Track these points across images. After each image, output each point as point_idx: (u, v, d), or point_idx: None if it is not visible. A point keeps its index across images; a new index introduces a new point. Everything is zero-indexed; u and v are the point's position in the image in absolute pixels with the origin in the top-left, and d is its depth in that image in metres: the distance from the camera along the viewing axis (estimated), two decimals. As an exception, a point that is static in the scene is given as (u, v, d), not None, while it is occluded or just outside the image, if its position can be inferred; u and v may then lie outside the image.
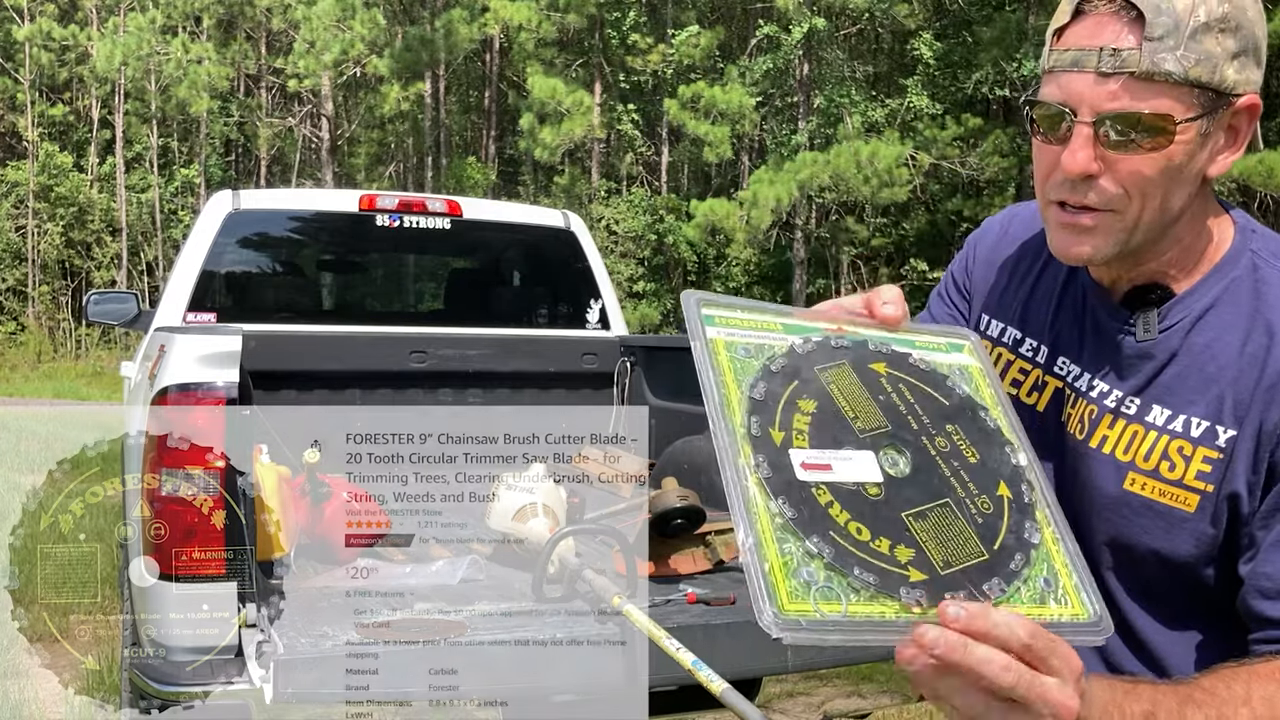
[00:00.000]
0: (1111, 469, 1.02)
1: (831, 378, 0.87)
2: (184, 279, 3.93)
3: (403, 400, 3.75)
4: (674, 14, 22.21)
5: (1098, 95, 0.93)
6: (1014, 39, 19.39)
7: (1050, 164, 0.98)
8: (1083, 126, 0.94)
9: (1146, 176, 0.94)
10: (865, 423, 0.84)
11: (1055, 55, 0.97)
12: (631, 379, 3.98)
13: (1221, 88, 0.93)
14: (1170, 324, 1.02)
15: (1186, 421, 0.99)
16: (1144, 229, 0.98)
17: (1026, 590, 0.80)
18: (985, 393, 0.93)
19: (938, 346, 0.95)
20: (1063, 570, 0.83)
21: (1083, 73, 0.94)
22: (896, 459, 0.83)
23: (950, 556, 0.78)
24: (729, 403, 0.82)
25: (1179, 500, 0.98)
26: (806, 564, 0.74)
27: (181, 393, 2.72)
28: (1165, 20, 0.90)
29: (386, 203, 4.21)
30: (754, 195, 18.38)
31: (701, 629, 2.14)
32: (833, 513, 0.77)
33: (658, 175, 23.12)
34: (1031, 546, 0.83)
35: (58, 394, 17.41)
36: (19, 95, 24.83)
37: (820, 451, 0.81)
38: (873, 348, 0.91)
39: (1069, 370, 1.09)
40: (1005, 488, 0.86)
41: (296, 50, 20.46)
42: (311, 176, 24.43)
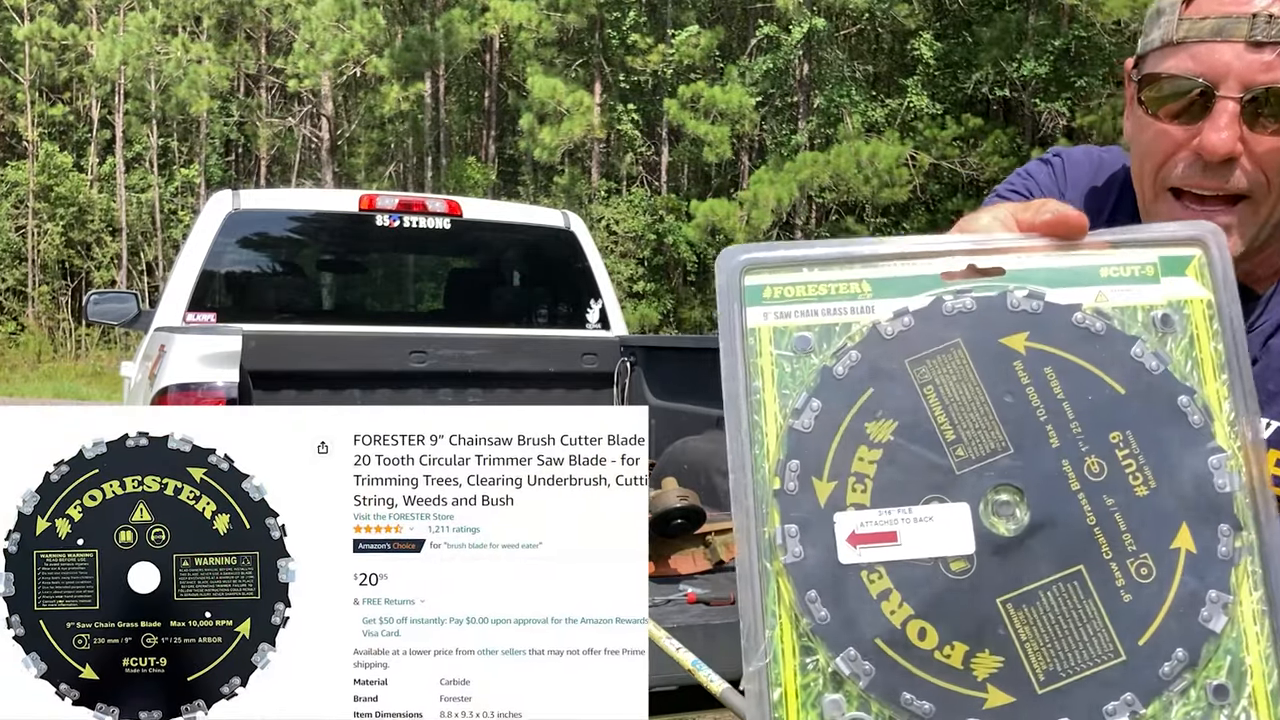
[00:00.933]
0: None
1: (930, 374, 0.58)
2: (184, 279, 3.93)
3: (403, 400, 3.75)
4: (674, 14, 22.21)
5: (1250, 67, 0.81)
6: (1014, 39, 19.40)
7: (1172, 146, 0.86)
8: (1228, 101, 0.82)
9: None
10: (971, 448, 0.57)
11: (1188, 24, 0.84)
12: (631, 379, 3.99)
13: None
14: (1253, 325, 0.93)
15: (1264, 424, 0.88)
16: (1274, 223, 0.87)
17: (1181, 708, 0.54)
18: (1205, 351, 0.59)
19: (1140, 273, 0.59)
20: (1257, 665, 0.55)
21: (1229, 42, 0.82)
22: (1012, 505, 0.56)
23: (1061, 663, 0.54)
24: (763, 439, 0.58)
25: None
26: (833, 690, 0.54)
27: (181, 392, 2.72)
28: None
29: (386, 203, 4.21)
30: (754, 195, 18.39)
31: (701, 629, 2.14)
32: (886, 608, 0.55)
33: (658, 175, 23.12)
34: (1208, 635, 0.55)
35: (58, 394, 17.41)
36: (19, 95, 24.84)
37: (885, 512, 0.56)
38: (1012, 305, 0.58)
39: None
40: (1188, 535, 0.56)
41: (296, 50, 20.47)
42: (311, 176, 24.43)
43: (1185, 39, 0.84)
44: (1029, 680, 0.54)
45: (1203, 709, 0.54)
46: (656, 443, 3.54)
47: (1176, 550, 0.56)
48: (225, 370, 2.78)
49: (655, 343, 4.30)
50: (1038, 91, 19.47)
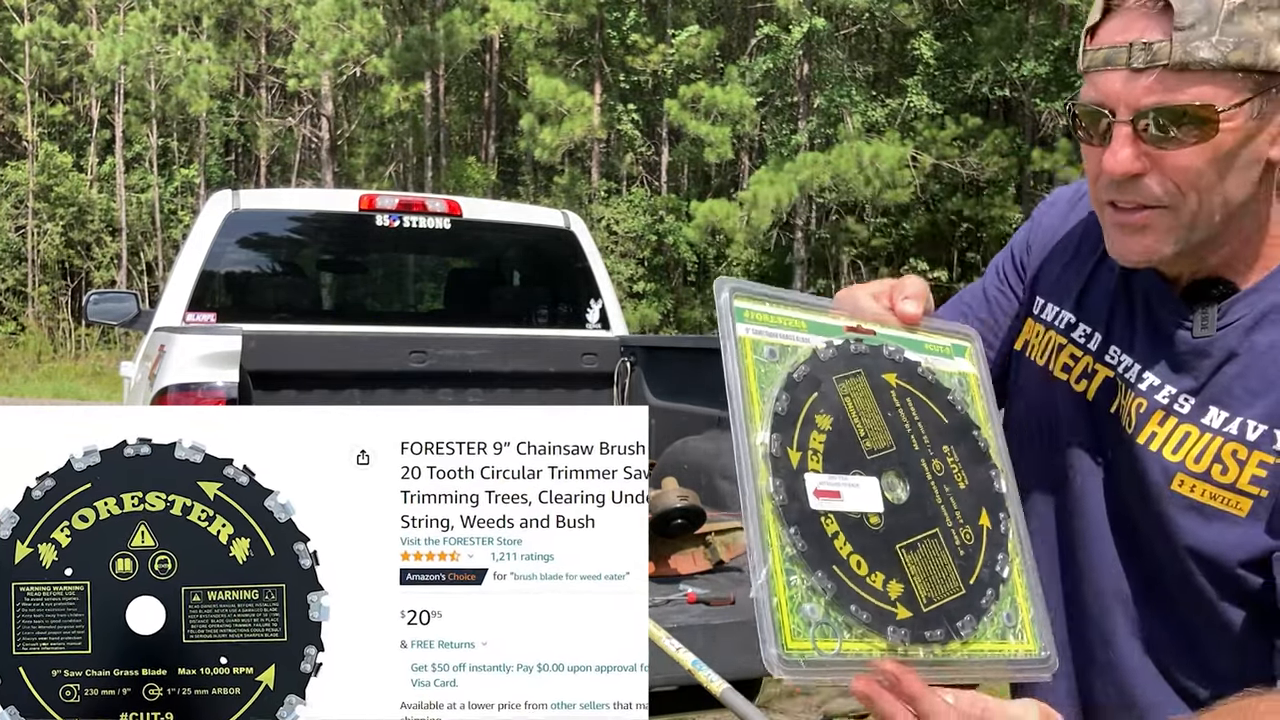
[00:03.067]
0: (1158, 468, 0.99)
1: (848, 389, 0.88)
2: (184, 279, 3.93)
3: (403, 400, 3.75)
4: (674, 14, 22.21)
5: (1133, 92, 0.90)
6: (1014, 39, 19.39)
7: (1096, 166, 0.95)
8: (1121, 125, 0.91)
9: (1197, 169, 0.90)
10: (874, 443, 0.87)
11: (1089, 55, 0.93)
12: (631, 379, 3.99)
13: (1271, 67, 0.87)
14: (1230, 321, 0.97)
15: (1243, 424, 0.94)
16: (1204, 224, 0.93)
17: (992, 627, 0.86)
18: (979, 408, 0.97)
19: (943, 350, 0.97)
20: (1024, 605, 0.90)
21: (1116, 70, 0.90)
22: (896, 484, 0.87)
23: (933, 592, 0.84)
24: (752, 415, 0.83)
25: (1230, 504, 0.94)
26: (809, 599, 0.78)
27: (181, 392, 2.72)
28: (1195, 7, 0.86)
29: (386, 203, 4.21)
30: (754, 195, 18.38)
31: (701, 629, 2.14)
32: (837, 545, 0.81)
33: (658, 175, 23.12)
34: (1001, 581, 0.89)
35: (57, 394, 17.41)
36: (19, 95, 24.83)
37: (832, 477, 0.83)
38: (887, 354, 0.92)
39: (1120, 360, 1.04)
40: (986, 517, 0.91)
41: (296, 50, 20.46)
42: (311, 176, 24.43)
43: (1088, 69, 0.94)
44: (919, 602, 0.82)
45: (1001, 628, 0.87)
46: (656, 443, 3.54)
47: (981, 526, 0.90)
48: (225, 370, 2.78)
49: (655, 343, 4.31)
50: (1038, 91, 19.47)
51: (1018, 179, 21.42)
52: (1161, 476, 0.98)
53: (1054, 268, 1.12)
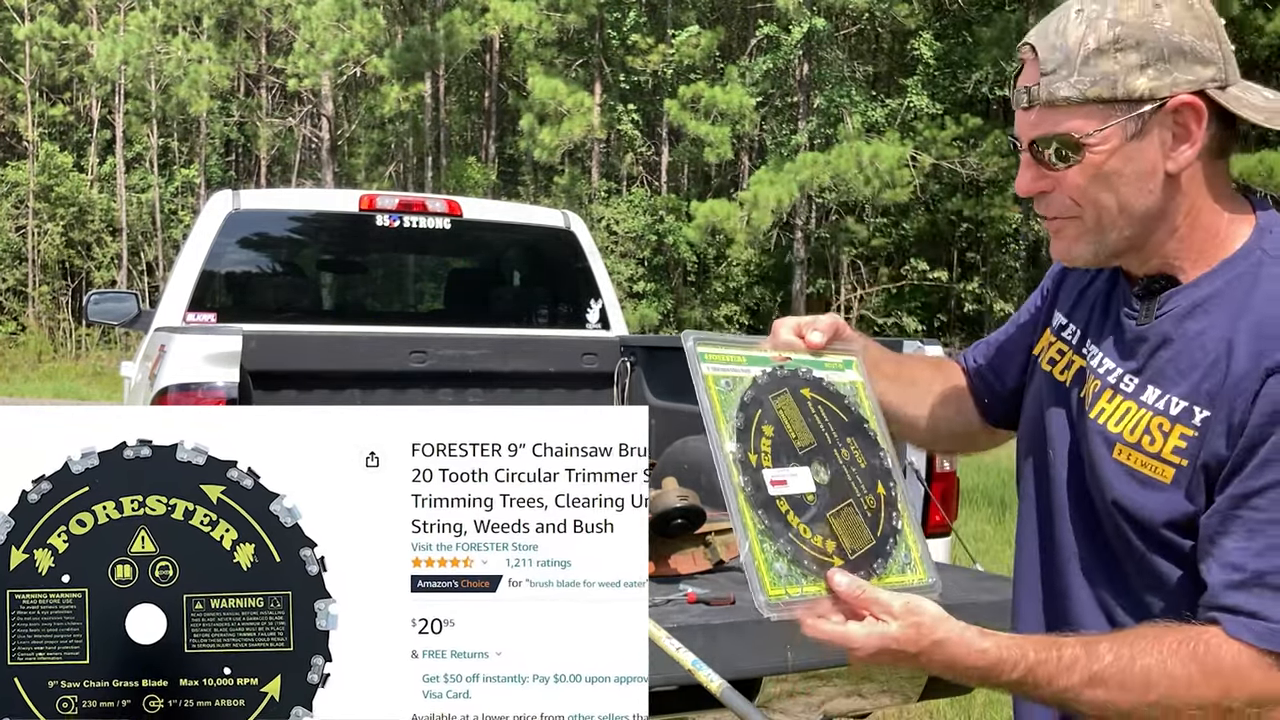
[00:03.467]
0: (1102, 439, 1.13)
1: (780, 405, 1.17)
2: (184, 279, 3.93)
3: (403, 400, 3.75)
4: (674, 14, 22.21)
5: (1024, 126, 1.11)
6: (1014, 39, 19.39)
7: None
8: (1024, 153, 1.12)
9: (1083, 185, 1.09)
10: (802, 441, 1.16)
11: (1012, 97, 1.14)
12: (631, 379, 3.99)
13: (1134, 96, 1.05)
14: (1164, 310, 1.11)
15: (1169, 401, 1.08)
16: (1112, 229, 1.10)
17: (895, 565, 1.15)
18: (866, 406, 1.25)
19: (838, 366, 1.26)
20: (914, 547, 1.19)
21: (1019, 109, 1.12)
22: (820, 470, 1.15)
23: (855, 544, 1.13)
24: (721, 432, 1.10)
25: (1157, 472, 1.08)
26: (778, 560, 1.06)
27: (182, 392, 2.72)
28: (1056, 55, 1.06)
29: (386, 203, 4.21)
30: (754, 196, 18.37)
31: (701, 629, 2.13)
32: (790, 519, 1.09)
33: (658, 175, 23.12)
34: (897, 532, 1.18)
35: (58, 394, 17.42)
36: (19, 95, 24.84)
37: (780, 470, 1.12)
38: (801, 374, 1.22)
39: (1091, 352, 1.19)
40: (881, 487, 1.19)
41: (296, 50, 20.47)
42: (312, 176, 24.44)
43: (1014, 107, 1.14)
44: (846, 553, 1.11)
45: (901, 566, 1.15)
46: (656, 443, 3.54)
47: (879, 494, 1.18)
48: (226, 370, 2.78)
49: (655, 343, 4.31)
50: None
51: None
52: (1105, 446, 1.13)
53: (1070, 288, 1.30)
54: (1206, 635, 1.00)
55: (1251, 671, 0.98)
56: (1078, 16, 1.06)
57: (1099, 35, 1.05)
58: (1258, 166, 18.92)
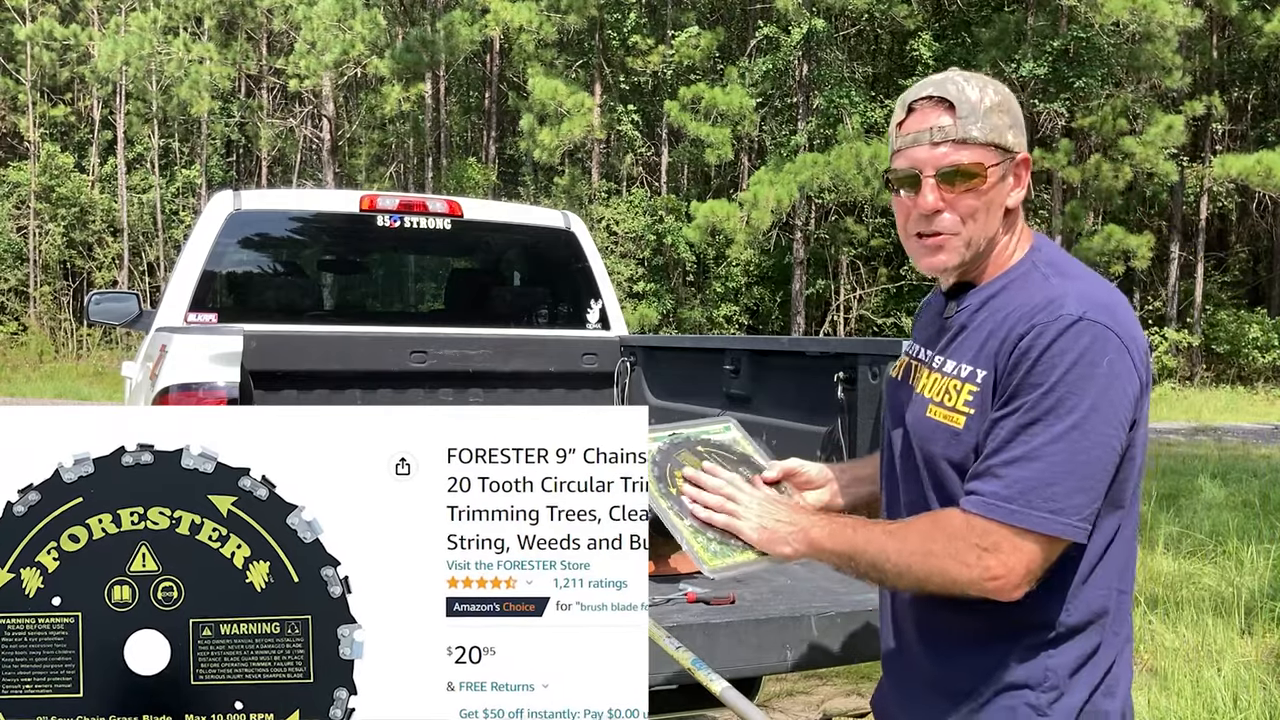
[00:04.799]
0: (922, 403, 1.51)
1: (682, 458, 1.63)
2: (185, 279, 3.94)
3: (404, 400, 3.76)
4: (674, 15, 22.21)
5: (935, 157, 1.42)
6: (1013, 40, 19.39)
7: (909, 210, 1.47)
8: (928, 179, 1.43)
9: (972, 206, 1.43)
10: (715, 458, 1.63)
11: (900, 139, 1.46)
12: (631, 379, 3.99)
13: (1006, 146, 1.44)
14: (965, 305, 1.50)
15: (959, 366, 1.46)
16: (974, 246, 1.46)
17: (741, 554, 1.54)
18: (748, 446, 1.76)
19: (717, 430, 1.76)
20: None
21: (921, 146, 1.43)
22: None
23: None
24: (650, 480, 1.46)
25: (954, 420, 1.44)
26: (709, 545, 1.50)
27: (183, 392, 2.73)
28: (967, 106, 1.42)
29: (387, 203, 4.22)
30: (754, 196, 18.38)
31: (701, 628, 2.14)
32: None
33: (658, 176, 23.13)
34: None
35: (59, 394, 17.43)
36: (20, 96, 24.86)
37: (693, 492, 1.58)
38: (691, 439, 1.71)
39: (915, 348, 1.61)
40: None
41: (297, 51, 20.48)
42: (312, 177, 24.45)
43: (900, 149, 1.46)
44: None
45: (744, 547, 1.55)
46: (656, 443, 3.54)
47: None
48: (227, 370, 2.78)
49: (655, 343, 4.31)
50: (1037, 92, 19.46)
51: (1018, 179, 21.40)
52: (922, 408, 1.50)
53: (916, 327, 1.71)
54: (949, 511, 1.40)
55: (965, 528, 1.36)
56: (967, 82, 1.43)
57: (990, 97, 1.43)
58: (1255, 167, 18.94)
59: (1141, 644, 4.49)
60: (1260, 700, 3.66)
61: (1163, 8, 17.78)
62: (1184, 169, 20.84)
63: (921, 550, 1.38)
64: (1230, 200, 23.21)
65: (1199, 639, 4.42)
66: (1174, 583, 5.39)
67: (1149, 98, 20.26)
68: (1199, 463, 9.82)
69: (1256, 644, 4.47)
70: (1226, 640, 4.35)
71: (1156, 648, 4.43)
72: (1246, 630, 4.61)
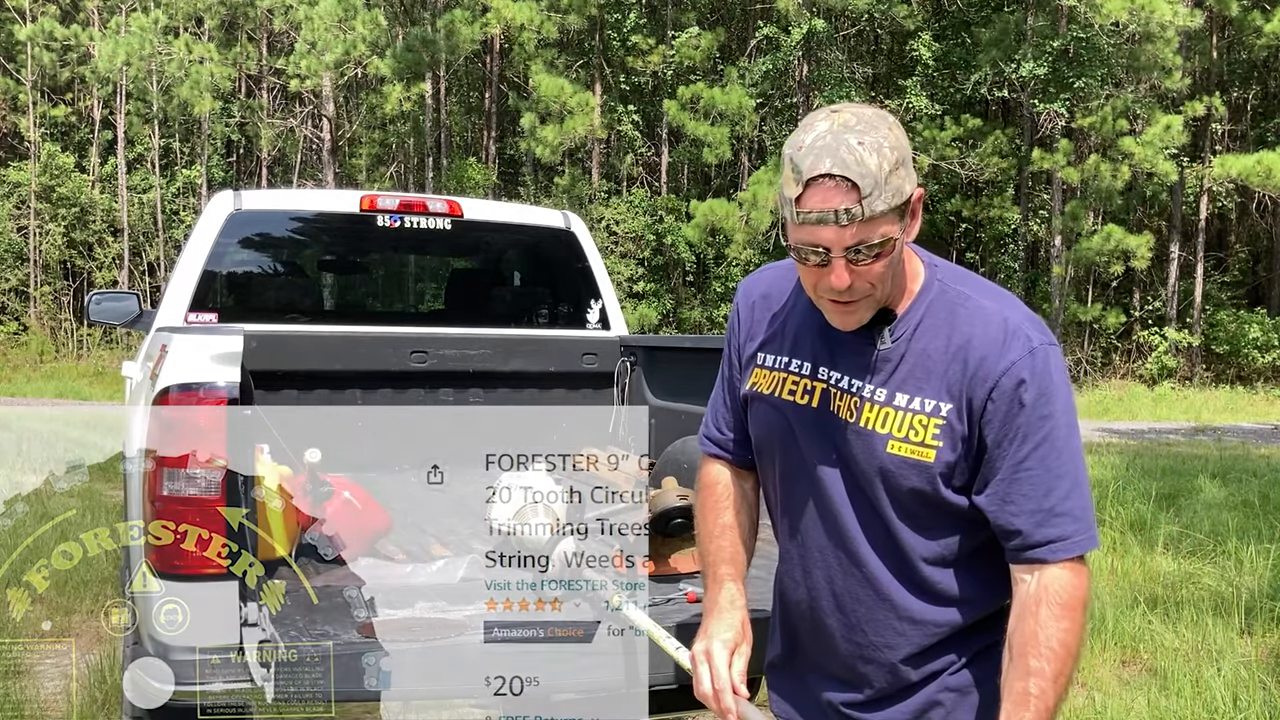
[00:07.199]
0: (878, 440, 1.50)
1: None
2: (185, 279, 3.94)
3: (404, 400, 3.76)
4: (674, 15, 22.21)
5: (843, 238, 1.39)
6: (1013, 40, 19.38)
7: (817, 279, 1.45)
8: (838, 259, 1.41)
9: (881, 272, 1.45)
10: None
11: (802, 215, 1.40)
12: (631, 379, 4.00)
13: (906, 199, 1.42)
14: (898, 335, 1.52)
15: (921, 402, 1.48)
16: (885, 296, 1.49)
17: None
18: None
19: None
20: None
21: (828, 226, 1.39)
22: None
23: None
24: None
25: (923, 455, 1.47)
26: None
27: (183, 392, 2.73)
28: (869, 181, 1.37)
29: (387, 203, 4.22)
30: (753, 196, 18.38)
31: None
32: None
33: (658, 176, 23.12)
34: None
35: (60, 394, 17.44)
36: (21, 96, 24.86)
37: None
38: None
39: (830, 375, 1.57)
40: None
41: (298, 51, 20.48)
42: (313, 177, 24.45)
43: (803, 223, 1.41)
44: None
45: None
46: (656, 443, 3.55)
47: None
48: (227, 370, 2.78)
49: (655, 343, 4.31)
50: (1037, 92, 19.46)
51: (1016, 179, 21.41)
52: (880, 445, 1.49)
53: (767, 330, 1.68)
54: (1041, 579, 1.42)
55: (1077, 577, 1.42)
56: (862, 147, 1.37)
57: (888, 160, 1.38)
58: (1255, 167, 18.93)
59: (1141, 644, 4.49)
60: (1260, 700, 3.66)
61: (1162, 8, 17.77)
62: (1184, 169, 20.83)
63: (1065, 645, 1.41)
64: (1230, 200, 23.20)
65: (1199, 639, 4.42)
66: (1174, 583, 5.39)
67: (1149, 98, 20.24)
68: (1199, 463, 9.83)
69: (1256, 644, 4.47)
70: (1226, 640, 4.35)
71: (1156, 648, 4.43)
72: (1246, 630, 4.62)
